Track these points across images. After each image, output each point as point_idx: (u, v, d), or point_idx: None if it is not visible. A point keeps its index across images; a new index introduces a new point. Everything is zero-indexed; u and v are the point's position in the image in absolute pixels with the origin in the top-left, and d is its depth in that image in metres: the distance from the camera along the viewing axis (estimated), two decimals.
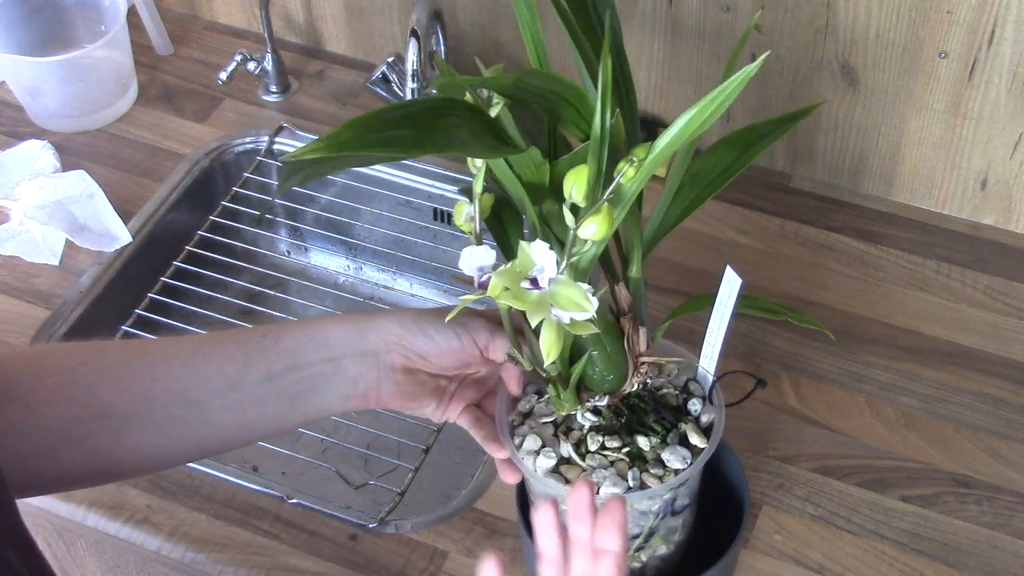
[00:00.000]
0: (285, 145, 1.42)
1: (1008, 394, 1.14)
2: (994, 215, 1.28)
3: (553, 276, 0.73)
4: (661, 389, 0.90)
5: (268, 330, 0.85)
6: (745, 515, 0.95)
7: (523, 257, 0.73)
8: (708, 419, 0.88)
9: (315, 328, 0.84)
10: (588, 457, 0.86)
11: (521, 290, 0.72)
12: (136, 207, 1.35)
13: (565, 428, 0.88)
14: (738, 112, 1.32)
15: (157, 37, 1.51)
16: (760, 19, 1.23)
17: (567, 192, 0.72)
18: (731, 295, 0.84)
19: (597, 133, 0.73)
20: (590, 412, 0.87)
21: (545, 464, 0.86)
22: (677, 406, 0.89)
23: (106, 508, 1.07)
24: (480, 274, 0.75)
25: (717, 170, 0.88)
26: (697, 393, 0.90)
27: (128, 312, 1.25)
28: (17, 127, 1.44)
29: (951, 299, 1.22)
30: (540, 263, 0.72)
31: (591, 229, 0.72)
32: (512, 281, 0.72)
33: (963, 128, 1.23)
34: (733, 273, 0.83)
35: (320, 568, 1.03)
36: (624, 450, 0.86)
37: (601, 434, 0.86)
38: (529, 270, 0.72)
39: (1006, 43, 1.15)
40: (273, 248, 1.48)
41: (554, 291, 0.73)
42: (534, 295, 0.72)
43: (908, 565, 1.03)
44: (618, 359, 0.85)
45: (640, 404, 0.88)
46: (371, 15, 1.45)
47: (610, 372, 0.85)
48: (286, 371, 0.83)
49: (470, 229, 0.79)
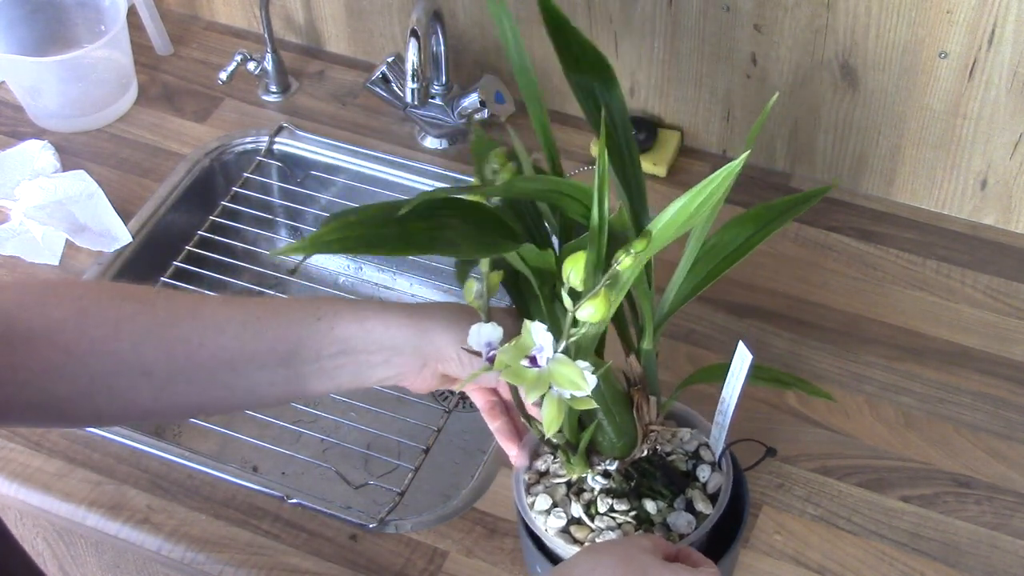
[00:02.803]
0: (285, 145, 1.42)
1: (1008, 394, 1.14)
2: (994, 215, 1.28)
3: (551, 356, 0.75)
4: (671, 454, 0.92)
5: (323, 311, 0.84)
6: (745, 515, 0.95)
7: (525, 335, 0.76)
8: (715, 485, 0.90)
9: (372, 321, 0.84)
10: (597, 519, 0.88)
11: (521, 367, 0.75)
12: (136, 207, 1.35)
13: (577, 489, 0.90)
14: (738, 112, 1.32)
15: (157, 37, 1.51)
16: (760, 19, 1.23)
17: (565, 276, 0.75)
18: (743, 369, 0.86)
19: (595, 223, 0.75)
20: (600, 476, 0.89)
21: (555, 524, 0.88)
22: (686, 471, 0.91)
23: (106, 508, 1.07)
24: (488, 349, 0.78)
25: (732, 245, 0.89)
26: (707, 458, 0.92)
27: None
28: (17, 127, 1.44)
29: (951, 299, 1.22)
30: (539, 342, 0.75)
31: (588, 311, 0.74)
32: (514, 358, 0.75)
33: (963, 128, 1.23)
34: (745, 349, 0.85)
35: (320, 568, 1.03)
36: (632, 513, 0.88)
37: (611, 496, 0.89)
38: (530, 349, 0.75)
39: (1006, 43, 1.15)
40: (273, 248, 1.48)
41: (552, 369, 0.76)
42: (532, 373, 0.75)
43: (908, 565, 1.03)
44: (628, 427, 0.88)
45: (650, 468, 0.90)
46: (371, 15, 1.45)
47: (619, 439, 0.88)
48: (336, 355, 0.84)
49: (479, 306, 0.82)
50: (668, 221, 0.75)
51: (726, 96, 1.32)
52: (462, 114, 1.36)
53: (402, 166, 1.38)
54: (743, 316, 1.20)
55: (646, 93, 1.35)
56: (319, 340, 0.83)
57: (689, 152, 1.37)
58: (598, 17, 1.31)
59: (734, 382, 0.87)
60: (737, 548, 0.91)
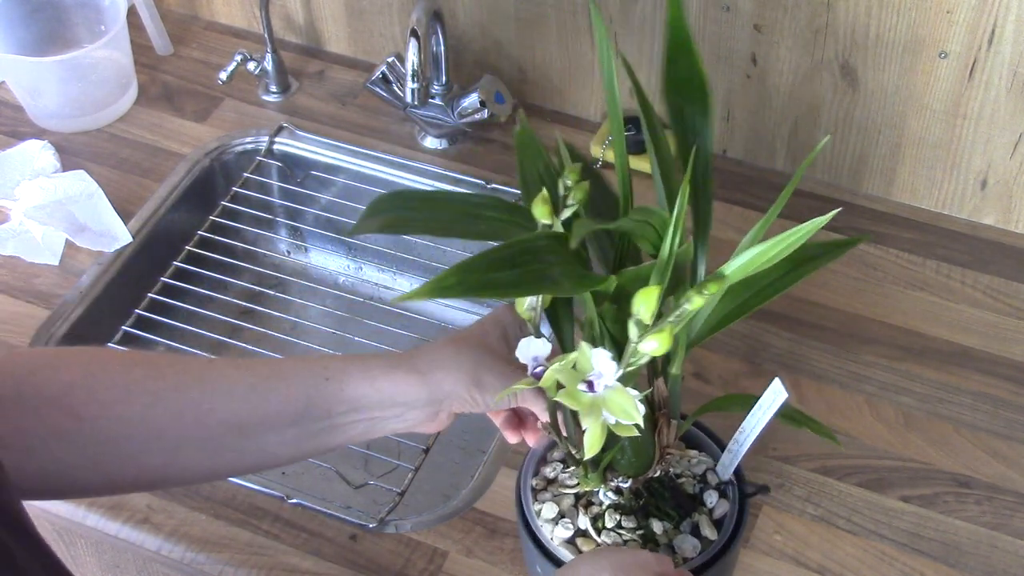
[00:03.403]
0: (285, 145, 1.42)
1: (1008, 394, 1.14)
2: (994, 215, 1.28)
3: (610, 384, 0.74)
4: (681, 476, 0.92)
5: (331, 370, 0.85)
6: (745, 515, 0.94)
7: (583, 359, 0.75)
8: (721, 512, 0.90)
9: (382, 380, 0.85)
10: (603, 533, 0.88)
11: (577, 391, 0.74)
12: (136, 207, 1.35)
13: (586, 501, 0.91)
14: (738, 112, 1.32)
15: (157, 37, 1.51)
16: (760, 19, 1.23)
17: (635, 309, 0.73)
18: (773, 405, 0.85)
19: (664, 256, 0.76)
20: (611, 491, 0.89)
21: (562, 534, 0.89)
22: (693, 494, 0.92)
23: (106, 508, 1.07)
24: (534, 364, 0.78)
25: (767, 280, 0.88)
26: (713, 483, 0.92)
27: (128, 312, 1.25)
28: (17, 127, 1.44)
29: (951, 299, 1.22)
30: (599, 369, 0.74)
31: (652, 345, 0.74)
32: (569, 380, 0.74)
33: (963, 128, 1.23)
34: (780, 386, 0.84)
35: (320, 568, 1.03)
36: (639, 532, 0.88)
37: (619, 513, 0.89)
38: (587, 373, 0.74)
39: (1006, 43, 1.15)
40: (273, 248, 1.48)
41: (607, 396, 0.74)
42: (588, 398, 0.74)
43: (908, 565, 1.03)
44: (647, 448, 0.88)
45: (659, 489, 0.90)
46: (371, 15, 1.45)
47: (637, 459, 0.88)
48: (347, 412, 0.85)
49: (531, 318, 0.82)
50: (743, 265, 0.75)
51: (726, 96, 1.32)
52: (462, 114, 1.36)
53: (402, 166, 1.38)
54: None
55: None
56: (329, 400, 0.84)
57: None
58: None
59: (760, 416, 0.86)
60: (737, 548, 0.91)
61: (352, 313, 1.31)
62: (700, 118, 0.86)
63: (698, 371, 1.16)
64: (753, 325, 1.20)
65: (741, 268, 0.75)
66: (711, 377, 1.16)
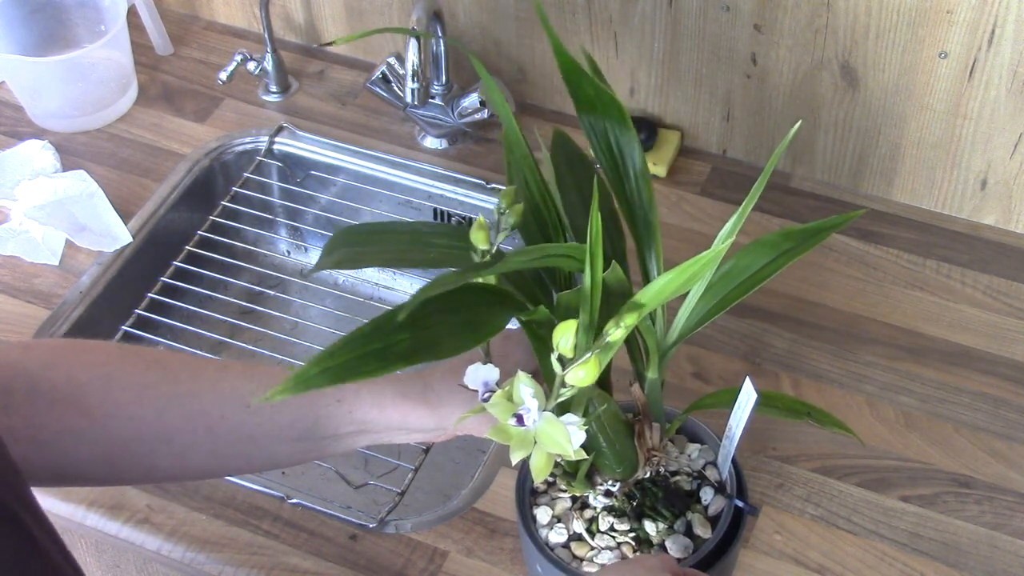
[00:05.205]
0: (285, 145, 1.42)
1: (1008, 394, 1.14)
2: (994, 215, 1.28)
3: (537, 418, 0.74)
4: (677, 473, 0.92)
5: (342, 393, 0.86)
6: (745, 515, 0.94)
7: (515, 391, 0.74)
8: (717, 509, 0.90)
9: (391, 409, 0.86)
10: (598, 537, 0.88)
11: (506, 426, 0.74)
12: (136, 207, 1.35)
13: (581, 504, 0.91)
14: (738, 112, 1.32)
15: (157, 37, 1.51)
16: (760, 19, 1.23)
17: (556, 343, 0.73)
18: (747, 405, 0.86)
19: (587, 287, 0.75)
20: (602, 495, 0.89)
21: (556, 539, 0.89)
22: (690, 491, 0.91)
23: (106, 508, 1.07)
24: (484, 388, 0.77)
25: (748, 272, 0.87)
26: (711, 478, 0.92)
27: (128, 312, 1.25)
28: (17, 127, 1.44)
29: (951, 299, 1.22)
30: (526, 403, 0.74)
31: (579, 376, 0.73)
32: (503, 414, 0.74)
33: (963, 128, 1.23)
34: (751, 387, 0.85)
35: (320, 568, 1.03)
36: (631, 534, 0.88)
37: (613, 515, 0.89)
38: (519, 406, 0.74)
39: (1006, 43, 1.15)
40: (273, 248, 1.48)
41: (539, 428, 0.74)
42: (517, 432, 0.74)
43: (908, 565, 1.03)
44: (628, 453, 0.88)
45: (652, 488, 0.90)
46: (371, 15, 1.45)
47: (619, 465, 0.88)
48: (354, 433, 0.86)
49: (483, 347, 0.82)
50: (655, 293, 0.75)
51: (726, 96, 1.32)
52: (462, 114, 1.36)
53: (402, 166, 1.38)
54: (743, 316, 1.20)
55: (646, 93, 1.36)
56: (337, 420, 0.85)
57: (689, 152, 1.37)
58: (598, 17, 1.31)
59: (740, 415, 0.87)
60: (737, 548, 0.91)
61: (352, 313, 1.31)
62: (620, 129, 0.85)
63: (698, 371, 1.16)
64: (753, 325, 1.20)
65: (656, 295, 0.75)
66: (711, 377, 1.16)
